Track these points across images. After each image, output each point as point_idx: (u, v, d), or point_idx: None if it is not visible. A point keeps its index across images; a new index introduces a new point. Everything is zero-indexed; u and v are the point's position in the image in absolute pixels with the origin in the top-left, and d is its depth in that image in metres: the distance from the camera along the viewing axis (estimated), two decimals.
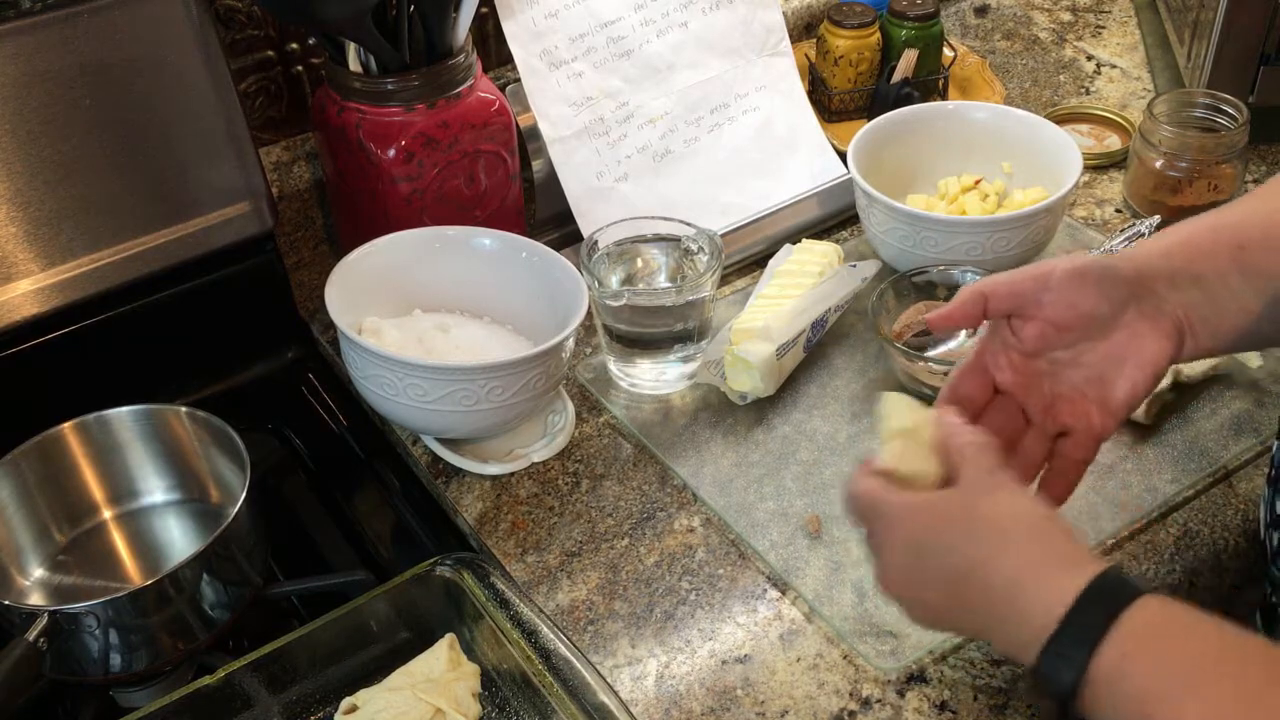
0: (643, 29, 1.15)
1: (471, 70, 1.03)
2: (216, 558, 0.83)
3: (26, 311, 0.94)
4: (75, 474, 0.92)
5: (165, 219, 0.97)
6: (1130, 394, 0.73)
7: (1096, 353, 0.73)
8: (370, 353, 0.90)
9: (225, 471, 0.91)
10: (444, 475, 0.97)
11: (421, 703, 0.76)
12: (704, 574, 0.88)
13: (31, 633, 0.78)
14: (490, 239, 1.01)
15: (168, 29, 0.92)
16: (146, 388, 0.96)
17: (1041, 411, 0.75)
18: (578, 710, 0.73)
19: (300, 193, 1.13)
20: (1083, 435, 0.75)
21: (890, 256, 1.09)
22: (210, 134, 0.97)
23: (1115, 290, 0.72)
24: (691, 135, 1.18)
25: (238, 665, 0.77)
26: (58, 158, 0.91)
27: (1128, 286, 0.72)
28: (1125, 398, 0.73)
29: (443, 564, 0.82)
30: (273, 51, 1.09)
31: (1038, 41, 1.45)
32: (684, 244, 1.02)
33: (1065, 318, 0.73)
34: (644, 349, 1.00)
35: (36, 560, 0.90)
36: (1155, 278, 0.72)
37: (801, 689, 0.81)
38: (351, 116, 1.00)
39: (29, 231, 0.92)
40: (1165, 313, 0.72)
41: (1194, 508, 0.91)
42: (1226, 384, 0.99)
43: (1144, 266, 0.72)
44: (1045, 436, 0.76)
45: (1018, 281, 0.73)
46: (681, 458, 0.96)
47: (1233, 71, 1.21)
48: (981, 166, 1.15)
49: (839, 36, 1.26)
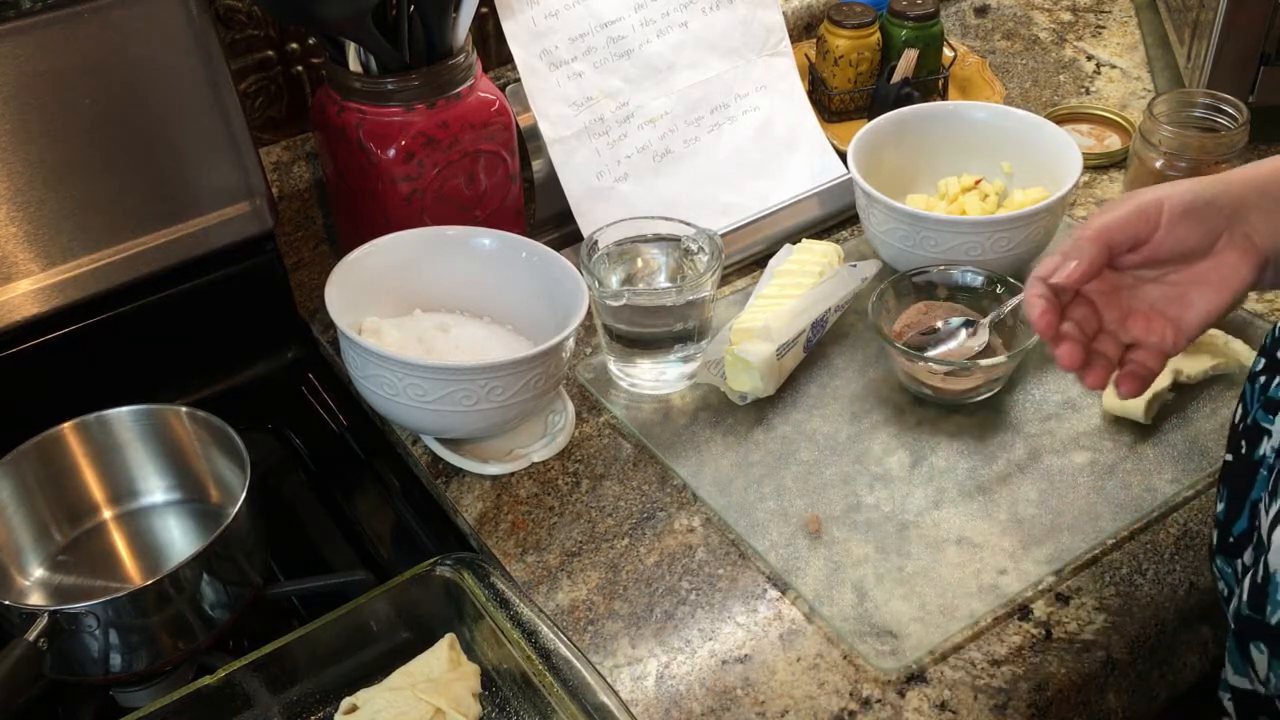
0: (643, 29, 1.15)
1: (471, 70, 1.03)
2: (216, 558, 0.83)
3: (26, 311, 0.94)
4: (75, 474, 0.92)
5: (165, 219, 0.97)
6: (1206, 316, 0.75)
7: (1182, 275, 0.76)
8: (370, 353, 0.90)
9: (225, 471, 0.91)
10: (444, 475, 0.97)
11: (421, 703, 0.76)
12: (704, 574, 0.88)
13: (31, 633, 0.78)
14: (490, 239, 1.01)
15: (168, 29, 0.92)
16: (146, 388, 0.96)
17: (1117, 321, 0.77)
18: (578, 710, 0.73)
19: (300, 193, 1.13)
20: (1153, 350, 0.76)
21: (890, 256, 1.09)
22: (210, 134, 0.97)
23: (1216, 223, 0.74)
24: (691, 135, 1.18)
25: (238, 665, 0.77)
26: (58, 158, 0.91)
27: (1226, 219, 0.74)
28: (1201, 319, 0.76)
29: (443, 564, 0.82)
30: (273, 51, 1.09)
31: (1038, 41, 1.46)
32: (684, 244, 1.02)
33: (1170, 252, 0.75)
34: (644, 349, 1.00)
35: (36, 560, 0.90)
36: (1250, 209, 0.75)
37: (801, 689, 0.81)
38: (351, 116, 1.00)
39: (29, 231, 0.92)
40: (1255, 242, 0.75)
41: (1194, 508, 0.91)
42: (1226, 384, 0.99)
43: (1240, 199, 0.75)
44: (1118, 343, 0.77)
45: (1130, 222, 0.75)
46: (681, 458, 0.96)
47: (1233, 71, 1.21)
48: (981, 166, 1.14)
49: (839, 36, 1.26)
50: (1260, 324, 1.04)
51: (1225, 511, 0.76)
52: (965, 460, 0.95)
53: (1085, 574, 0.87)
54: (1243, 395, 0.77)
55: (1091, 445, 0.95)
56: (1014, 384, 1.01)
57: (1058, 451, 0.95)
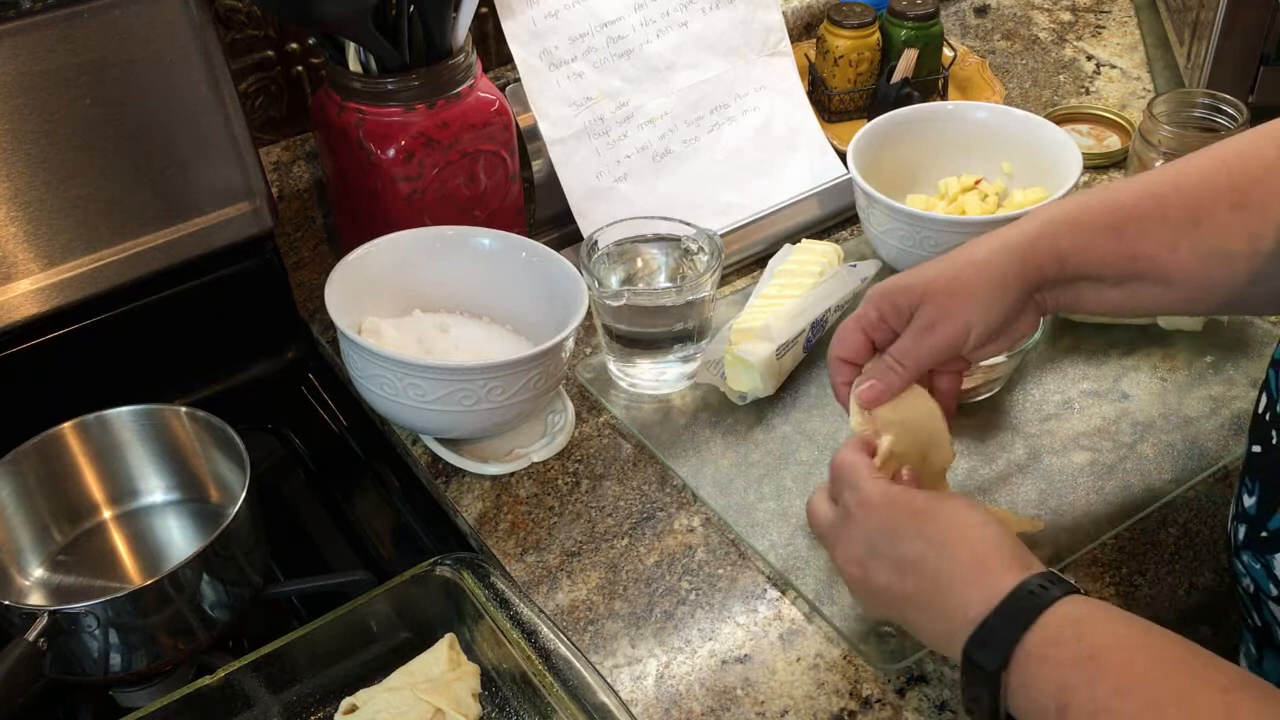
0: (643, 29, 1.15)
1: (471, 70, 1.03)
2: (216, 558, 0.83)
3: (26, 311, 0.94)
4: (75, 474, 0.92)
5: (165, 219, 0.97)
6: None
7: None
8: (370, 353, 0.90)
9: (225, 471, 0.91)
10: (444, 475, 0.97)
11: (421, 703, 0.76)
12: (704, 574, 0.88)
13: (31, 633, 0.78)
14: (490, 239, 1.01)
15: (168, 29, 0.92)
16: (146, 388, 0.95)
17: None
18: (578, 710, 0.73)
19: (300, 193, 1.13)
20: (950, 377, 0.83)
21: (890, 256, 1.09)
22: (210, 134, 0.97)
23: (1017, 313, 0.80)
24: (691, 135, 1.18)
25: (238, 665, 0.77)
26: (58, 158, 0.91)
27: (1025, 304, 0.80)
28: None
29: (443, 564, 0.82)
30: (273, 51, 1.09)
31: (1038, 41, 1.46)
32: (684, 244, 1.02)
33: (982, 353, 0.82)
34: (644, 349, 1.00)
35: (36, 560, 0.90)
36: (1046, 284, 0.80)
37: (801, 689, 0.81)
38: (351, 116, 1.00)
39: (29, 231, 0.92)
40: (1044, 308, 0.81)
41: (1194, 508, 0.91)
42: (1227, 384, 0.99)
43: (1039, 280, 0.80)
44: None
45: (942, 353, 0.80)
46: (681, 458, 0.96)
47: (1233, 71, 1.21)
48: (981, 166, 1.15)
49: (839, 36, 1.26)
50: (1258, 323, 1.04)
51: (1257, 506, 0.74)
52: (965, 460, 0.95)
53: (1085, 574, 0.87)
54: (1266, 383, 0.75)
55: (1091, 445, 0.95)
56: (1014, 384, 1.01)
57: (1058, 451, 0.95)
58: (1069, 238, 0.78)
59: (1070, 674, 0.62)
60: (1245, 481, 0.75)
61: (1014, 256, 0.78)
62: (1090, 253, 0.77)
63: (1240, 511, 0.75)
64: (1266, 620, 0.74)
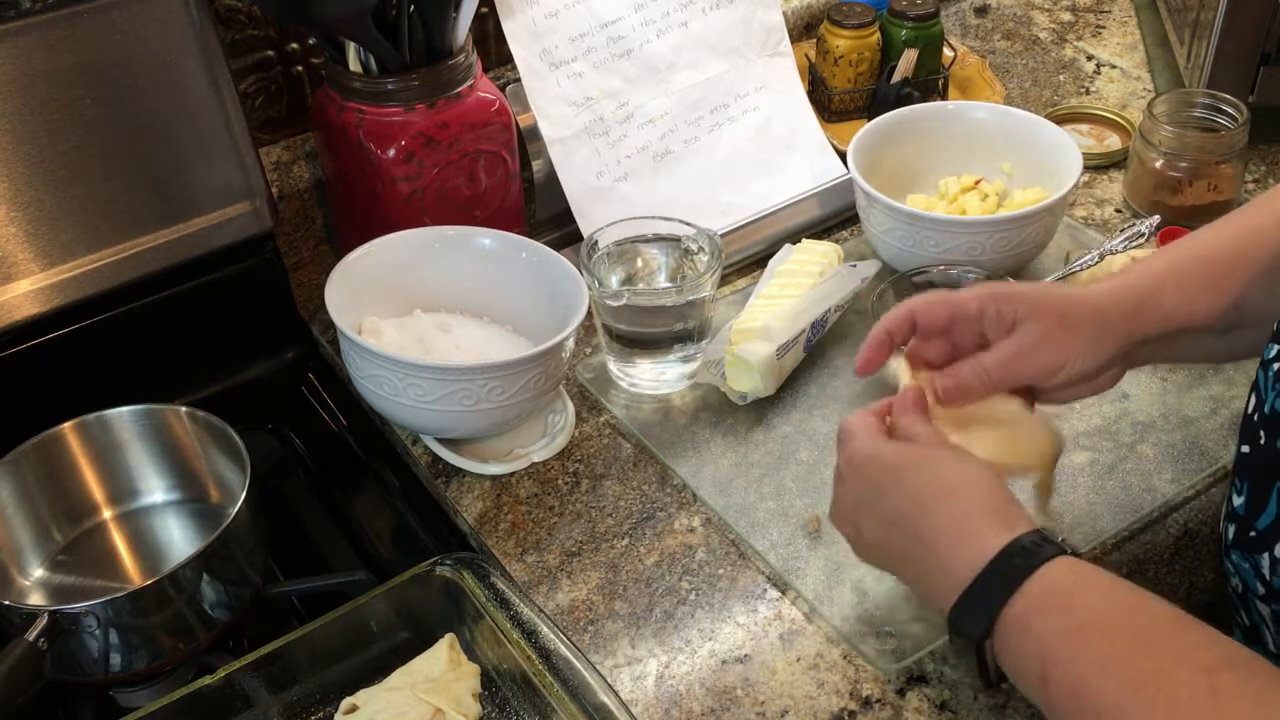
0: (643, 29, 1.15)
1: (471, 70, 1.03)
2: (216, 558, 0.83)
3: (26, 311, 0.94)
4: (75, 474, 0.92)
5: (165, 219, 0.97)
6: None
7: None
8: (370, 353, 0.90)
9: (225, 471, 0.91)
10: (444, 475, 0.97)
11: (421, 703, 0.76)
12: (704, 574, 0.88)
13: (31, 633, 0.78)
14: (490, 239, 1.01)
15: (168, 29, 0.92)
16: (146, 388, 0.95)
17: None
18: (578, 710, 0.73)
19: (300, 193, 1.13)
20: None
21: (890, 256, 1.09)
22: (210, 134, 0.97)
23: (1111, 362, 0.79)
24: (691, 135, 1.18)
25: (238, 665, 0.77)
26: (58, 158, 0.91)
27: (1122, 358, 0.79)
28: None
29: (443, 564, 0.82)
30: (273, 51, 1.09)
31: (1038, 41, 1.46)
32: (684, 244, 1.02)
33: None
34: (644, 349, 1.00)
35: (36, 560, 0.90)
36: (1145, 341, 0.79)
37: (801, 689, 0.81)
38: (351, 116, 1.00)
39: (29, 231, 0.92)
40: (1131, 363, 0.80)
41: (1194, 508, 0.91)
42: (1227, 384, 0.99)
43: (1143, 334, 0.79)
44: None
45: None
46: (681, 458, 0.96)
47: (1233, 71, 1.21)
48: (981, 166, 1.15)
49: (839, 36, 1.26)
50: None
51: (1246, 505, 0.75)
52: None
53: None
54: (1255, 384, 0.76)
55: (1091, 445, 0.95)
56: None
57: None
58: (1174, 295, 0.78)
59: (1053, 646, 0.62)
60: (1235, 482, 0.76)
61: (1125, 312, 0.78)
62: (1195, 308, 0.78)
63: (1230, 511, 0.75)
64: (1255, 619, 0.75)
